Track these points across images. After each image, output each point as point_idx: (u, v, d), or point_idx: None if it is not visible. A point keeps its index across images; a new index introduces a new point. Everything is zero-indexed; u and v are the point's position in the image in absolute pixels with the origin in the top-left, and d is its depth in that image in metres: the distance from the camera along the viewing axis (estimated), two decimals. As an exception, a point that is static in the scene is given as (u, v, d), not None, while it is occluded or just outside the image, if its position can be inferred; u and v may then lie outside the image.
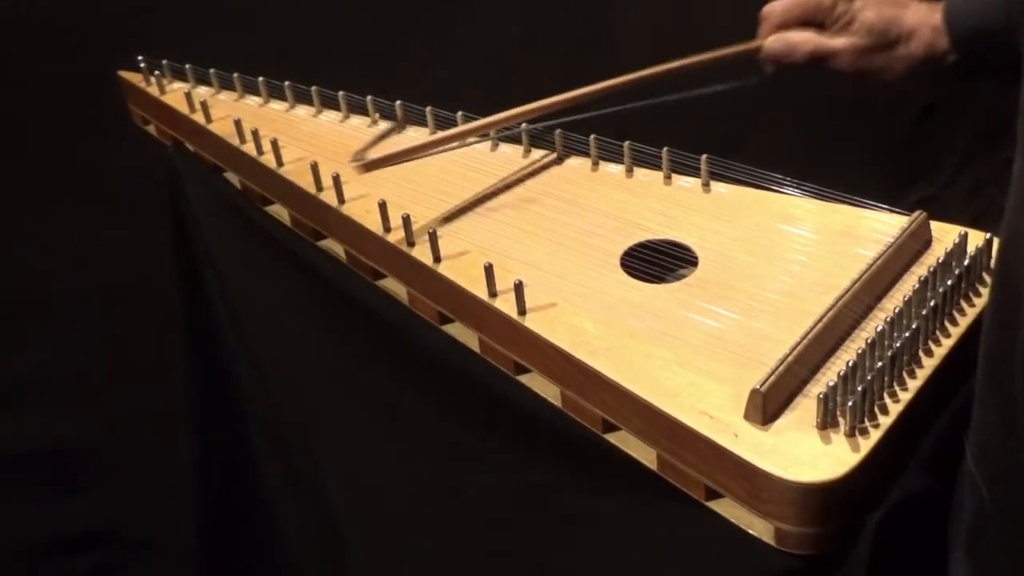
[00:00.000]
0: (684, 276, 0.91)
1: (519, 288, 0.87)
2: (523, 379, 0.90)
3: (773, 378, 0.75)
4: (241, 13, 1.52)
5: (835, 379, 0.75)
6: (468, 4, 1.60)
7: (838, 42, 0.99)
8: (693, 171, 1.01)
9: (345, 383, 0.95)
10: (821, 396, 0.74)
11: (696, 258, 0.92)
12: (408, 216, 0.96)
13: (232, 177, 1.17)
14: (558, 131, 1.06)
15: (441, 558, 0.80)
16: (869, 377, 0.75)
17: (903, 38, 0.97)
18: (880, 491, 0.75)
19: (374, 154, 1.04)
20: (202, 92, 1.21)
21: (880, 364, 0.76)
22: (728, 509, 0.77)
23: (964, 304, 0.85)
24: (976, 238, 0.88)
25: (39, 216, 1.51)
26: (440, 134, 1.06)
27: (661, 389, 0.79)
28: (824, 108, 1.59)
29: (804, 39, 0.99)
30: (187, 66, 1.20)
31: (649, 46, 1.57)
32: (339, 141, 1.13)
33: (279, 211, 1.11)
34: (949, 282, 0.83)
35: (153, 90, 1.22)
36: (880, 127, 1.70)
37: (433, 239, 0.94)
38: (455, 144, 1.06)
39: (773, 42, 1.01)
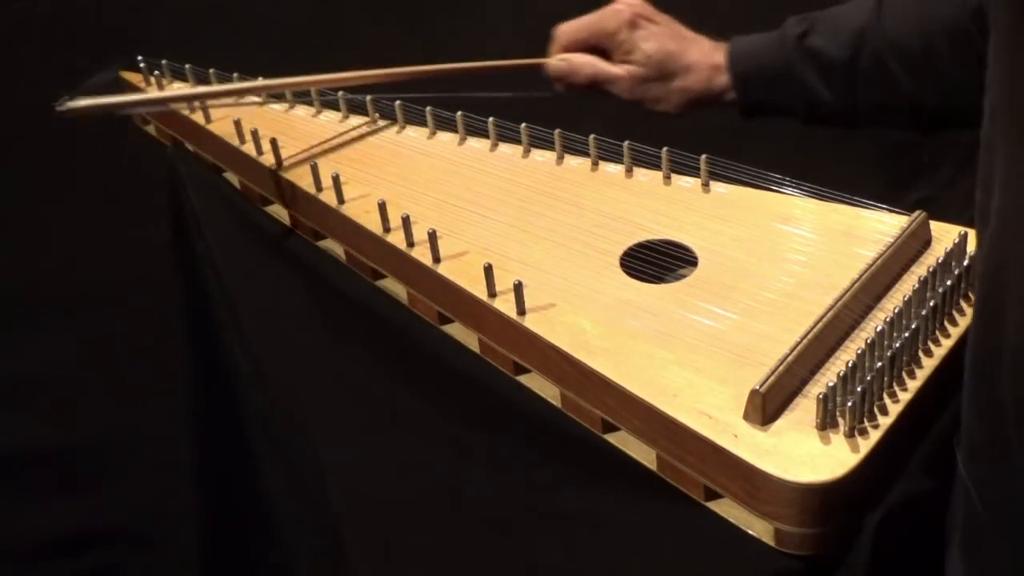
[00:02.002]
0: (684, 276, 0.91)
1: (519, 288, 0.87)
2: (523, 379, 0.90)
3: (773, 378, 0.75)
4: (241, 13, 1.52)
5: (835, 379, 0.75)
6: (468, 4, 1.60)
7: (617, 69, 1.03)
8: (693, 171, 1.01)
9: (345, 383, 0.95)
10: (821, 396, 0.74)
11: (696, 258, 0.92)
12: (408, 216, 0.96)
13: (232, 177, 1.17)
14: (557, 131, 1.06)
15: (441, 558, 0.80)
16: (869, 377, 0.75)
17: (680, 72, 1.01)
18: (879, 492, 0.75)
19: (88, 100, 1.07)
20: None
21: (880, 364, 0.76)
22: (728, 510, 0.77)
23: (964, 304, 0.85)
24: (976, 238, 0.88)
25: (39, 216, 1.51)
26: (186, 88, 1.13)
27: (661, 389, 0.79)
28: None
29: (585, 62, 1.04)
30: (187, 66, 1.20)
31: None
32: (339, 141, 1.13)
33: (279, 211, 1.11)
34: (949, 282, 0.83)
35: (153, 90, 1.22)
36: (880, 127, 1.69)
37: (433, 239, 0.94)
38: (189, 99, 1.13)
39: (557, 62, 1.05)
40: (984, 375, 0.67)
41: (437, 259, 0.94)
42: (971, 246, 0.86)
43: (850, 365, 0.76)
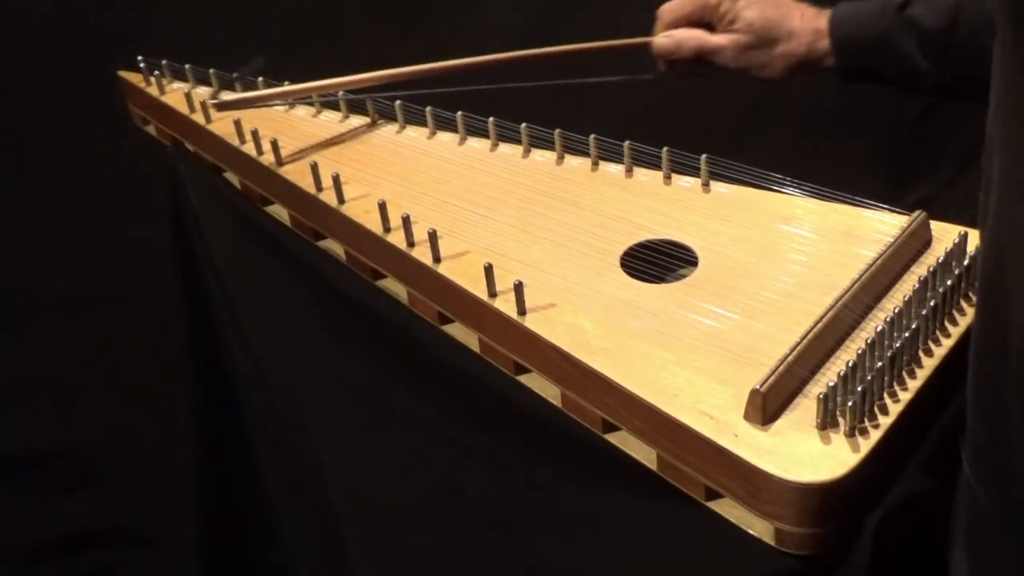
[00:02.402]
0: (684, 276, 0.91)
1: (519, 288, 0.87)
2: (523, 379, 0.90)
3: (773, 378, 0.75)
4: (241, 13, 1.52)
5: (835, 379, 0.75)
6: (468, 4, 1.60)
7: (721, 39, 1.05)
8: (693, 171, 1.01)
9: (345, 383, 0.95)
10: (821, 396, 0.74)
11: (696, 258, 0.92)
12: (408, 216, 0.96)
13: (232, 177, 1.17)
14: (557, 131, 1.06)
15: (441, 558, 0.80)
16: (869, 377, 0.75)
17: (783, 38, 1.03)
18: (880, 491, 0.75)
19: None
20: (202, 92, 1.21)
21: (880, 364, 0.76)
22: (728, 509, 0.77)
23: (964, 304, 0.85)
24: (976, 238, 0.87)
25: (39, 216, 1.51)
26: (298, 86, 1.12)
27: (661, 389, 0.79)
28: (824, 108, 1.59)
29: (689, 36, 1.06)
30: (187, 66, 1.20)
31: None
32: (339, 141, 1.13)
33: (279, 211, 1.11)
34: (949, 282, 0.83)
35: (153, 90, 1.22)
36: (880, 127, 1.70)
37: (433, 239, 0.94)
38: (314, 96, 1.14)
39: (661, 39, 1.06)
40: (989, 376, 0.67)
41: (437, 259, 0.94)
42: (971, 246, 0.87)
43: (850, 365, 0.76)
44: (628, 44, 1.08)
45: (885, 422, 0.75)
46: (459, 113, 1.10)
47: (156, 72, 1.22)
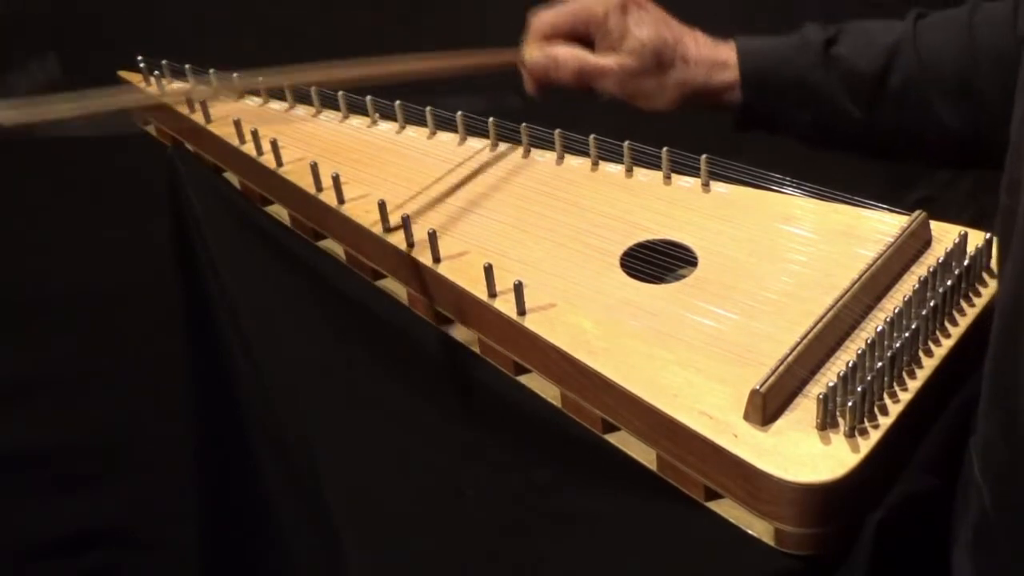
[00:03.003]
0: (684, 276, 0.91)
1: (519, 288, 0.87)
2: (523, 379, 0.90)
3: (773, 378, 0.75)
4: (241, 13, 1.52)
5: (835, 379, 0.75)
6: (468, 4, 1.60)
7: (607, 60, 0.92)
8: (693, 171, 1.01)
9: (344, 383, 0.95)
10: (821, 396, 0.74)
11: (696, 258, 0.92)
12: (408, 216, 0.96)
13: (232, 177, 1.17)
14: (557, 131, 1.06)
15: (441, 558, 0.80)
16: (869, 377, 0.75)
17: (677, 63, 0.92)
18: (880, 491, 0.75)
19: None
20: (202, 92, 1.21)
21: (880, 364, 0.76)
22: (728, 509, 0.77)
23: (964, 304, 0.85)
24: (976, 238, 0.88)
25: (39, 216, 1.51)
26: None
27: (661, 389, 0.79)
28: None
29: (570, 55, 0.92)
30: (187, 66, 1.20)
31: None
32: (339, 141, 1.13)
33: (279, 211, 1.11)
34: (949, 282, 0.83)
35: (153, 90, 1.22)
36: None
37: (433, 239, 0.94)
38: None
39: (536, 54, 0.93)
40: (1005, 378, 0.67)
41: (437, 259, 0.94)
42: (971, 246, 0.87)
43: (850, 365, 0.76)
44: (495, 63, 0.95)
45: (885, 422, 0.75)
46: (459, 113, 1.10)
47: (156, 72, 1.21)
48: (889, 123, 0.92)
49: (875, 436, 0.74)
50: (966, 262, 0.85)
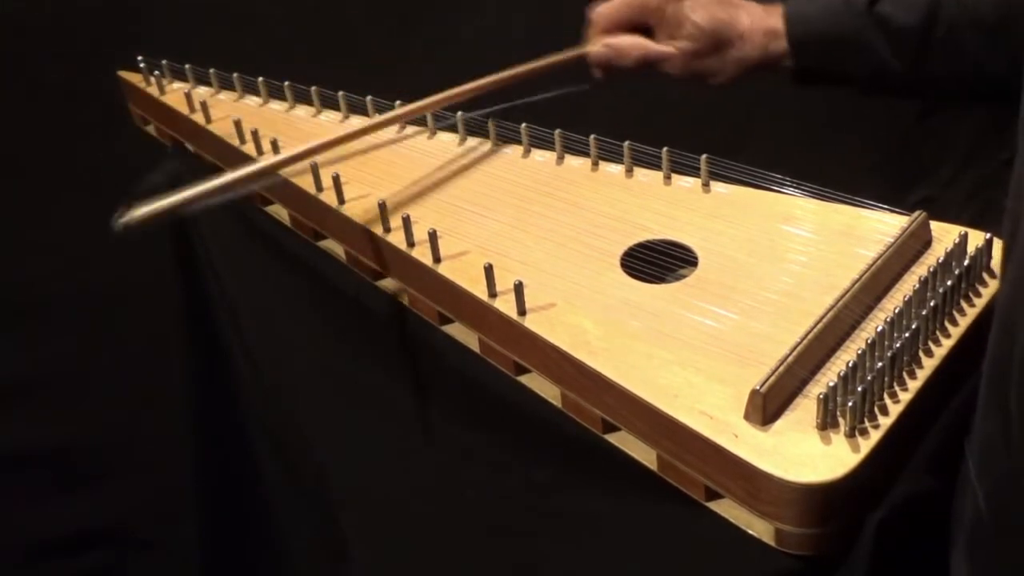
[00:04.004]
0: (684, 276, 0.91)
1: (519, 288, 0.87)
2: (523, 379, 0.90)
3: (773, 378, 0.75)
4: (241, 13, 1.52)
5: (835, 379, 0.75)
6: (468, 4, 1.60)
7: (668, 47, 0.96)
8: (693, 171, 1.01)
9: (344, 383, 0.95)
10: (821, 396, 0.74)
11: (696, 258, 0.92)
12: (408, 216, 0.96)
13: (232, 177, 1.17)
14: (558, 131, 1.06)
15: (441, 558, 0.80)
16: (869, 377, 0.75)
17: (735, 41, 0.95)
18: (880, 491, 0.75)
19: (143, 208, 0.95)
20: (202, 92, 1.21)
21: (880, 364, 0.76)
22: (728, 509, 0.77)
23: (964, 304, 0.85)
24: (976, 238, 0.88)
25: (39, 216, 1.51)
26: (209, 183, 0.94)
27: (661, 389, 0.79)
28: (824, 108, 1.59)
29: (632, 44, 0.97)
30: (187, 66, 1.20)
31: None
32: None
33: (279, 211, 1.11)
34: (949, 282, 0.83)
35: (153, 90, 1.22)
36: (880, 127, 1.70)
37: (433, 239, 0.94)
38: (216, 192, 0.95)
39: (600, 48, 0.98)
40: (1000, 380, 0.67)
41: (437, 259, 0.94)
42: (971, 246, 0.87)
43: (850, 365, 0.76)
44: (565, 59, 1.00)
45: (885, 422, 0.75)
46: (459, 113, 1.10)
47: (156, 72, 1.22)
48: (936, 72, 0.93)
49: (875, 436, 0.74)
50: (966, 262, 0.85)
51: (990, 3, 0.90)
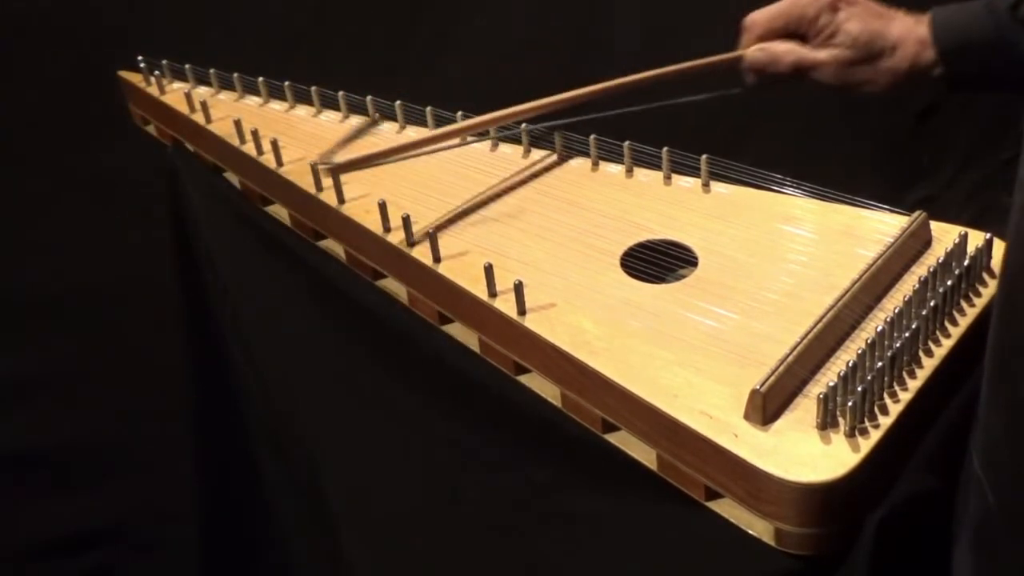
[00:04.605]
0: (684, 276, 0.91)
1: (519, 288, 0.87)
2: (523, 379, 0.90)
3: (773, 378, 0.75)
4: (241, 13, 1.52)
5: (835, 379, 0.75)
6: (469, 4, 1.60)
7: (821, 54, 0.98)
8: (693, 171, 1.01)
9: (345, 383, 0.95)
10: (821, 396, 0.74)
11: (696, 258, 0.92)
12: (408, 216, 0.96)
13: (232, 177, 1.17)
14: (557, 131, 1.06)
15: (441, 558, 0.80)
16: (869, 377, 0.75)
17: (887, 51, 0.96)
18: (880, 491, 0.75)
19: (343, 156, 1.05)
20: (202, 92, 1.21)
21: (880, 364, 0.76)
22: (728, 509, 0.77)
23: (964, 304, 0.85)
24: (976, 238, 0.88)
25: (39, 216, 1.51)
26: (416, 137, 1.05)
27: (661, 389, 0.79)
28: (824, 108, 1.59)
29: (787, 50, 0.99)
30: (187, 66, 1.20)
31: (648, 48, 1.58)
32: (340, 141, 1.12)
33: (279, 211, 1.11)
34: (949, 282, 0.83)
35: (153, 90, 1.22)
36: (880, 127, 1.70)
37: (433, 239, 0.94)
38: (429, 148, 1.06)
39: (755, 52, 1.00)
40: (1006, 375, 0.67)
41: (437, 259, 0.94)
42: (971, 246, 0.87)
43: (850, 365, 0.76)
44: (720, 61, 1.02)
45: (885, 422, 0.75)
46: (459, 113, 1.10)
47: (156, 72, 1.22)
48: None
49: (875, 436, 0.74)
50: (966, 262, 0.85)
51: None
